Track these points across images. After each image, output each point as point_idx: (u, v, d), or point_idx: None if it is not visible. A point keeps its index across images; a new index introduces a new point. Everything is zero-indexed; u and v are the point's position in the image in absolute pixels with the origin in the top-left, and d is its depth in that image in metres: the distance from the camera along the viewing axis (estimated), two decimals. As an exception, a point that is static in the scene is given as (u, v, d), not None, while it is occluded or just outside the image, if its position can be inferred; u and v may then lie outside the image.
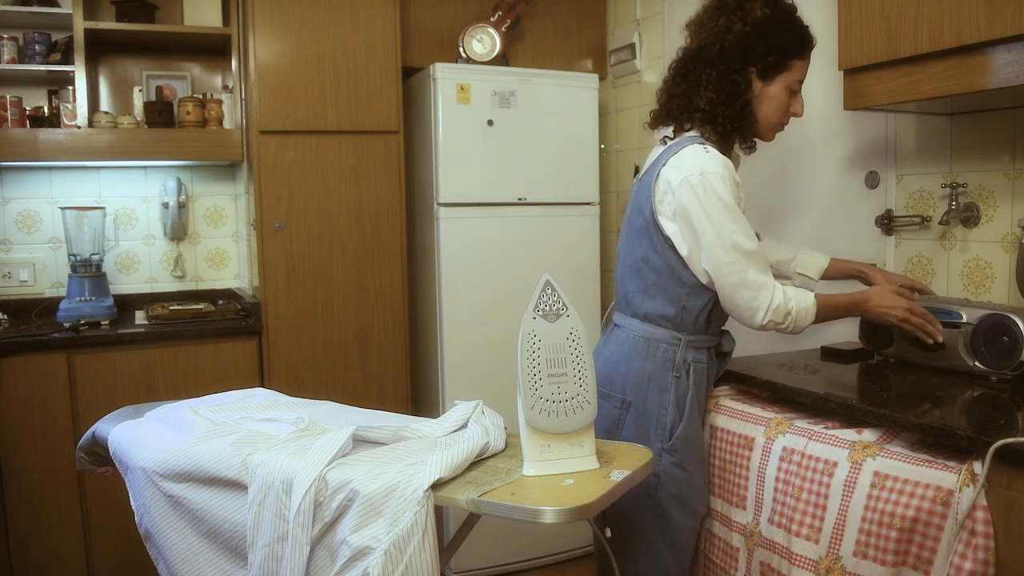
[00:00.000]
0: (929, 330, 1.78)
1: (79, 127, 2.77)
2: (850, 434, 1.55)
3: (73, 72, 2.75)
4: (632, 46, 3.22)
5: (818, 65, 1.80)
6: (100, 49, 3.01)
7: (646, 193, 1.74)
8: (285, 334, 2.84)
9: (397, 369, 3.00)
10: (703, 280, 1.71)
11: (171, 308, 2.89)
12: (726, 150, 1.76)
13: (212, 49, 3.13)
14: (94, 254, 2.90)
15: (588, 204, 3.14)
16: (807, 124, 2.03)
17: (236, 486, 1.49)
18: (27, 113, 2.85)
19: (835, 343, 2.17)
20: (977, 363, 1.73)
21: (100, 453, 1.80)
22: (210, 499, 1.52)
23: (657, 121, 1.84)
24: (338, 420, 1.65)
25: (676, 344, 1.74)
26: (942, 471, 1.37)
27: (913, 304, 1.78)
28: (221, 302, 3.09)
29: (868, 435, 1.54)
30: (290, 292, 2.85)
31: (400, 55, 2.95)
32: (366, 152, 2.92)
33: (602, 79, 3.31)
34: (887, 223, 2.31)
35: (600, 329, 2.93)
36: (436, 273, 2.94)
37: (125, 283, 3.17)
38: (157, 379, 2.68)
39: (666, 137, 1.80)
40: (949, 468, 1.37)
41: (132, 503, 1.67)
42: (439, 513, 2.74)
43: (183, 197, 3.18)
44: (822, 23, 1.85)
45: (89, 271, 2.85)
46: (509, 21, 3.14)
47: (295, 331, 2.86)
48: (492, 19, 3.13)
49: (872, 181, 2.32)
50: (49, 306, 2.92)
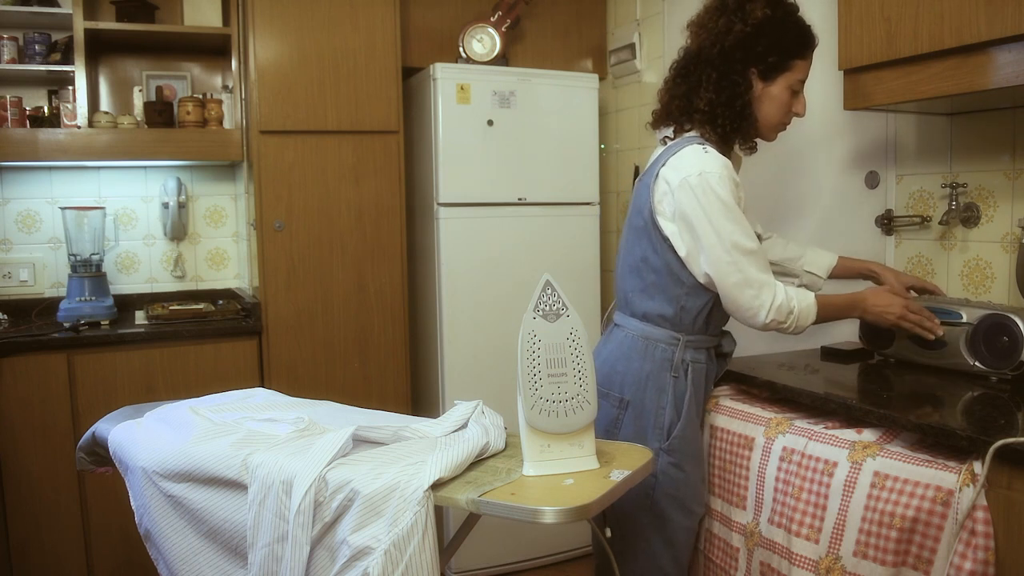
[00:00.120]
0: (928, 325, 1.78)
1: (79, 127, 2.77)
2: (850, 434, 1.55)
3: (73, 72, 2.75)
4: (632, 46, 3.22)
5: (818, 65, 1.80)
6: (100, 49, 3.01)
7: (645, 193, 1.74)
8: (285, 334, 2.85)
9: (397, 369, 3.00)
10: (702, 281, 1.71)
11: (171, 308, 2.89)
12: (726, 151, 1.76)
13: (212, 49, 3.13)
14: (94, 254, 2.90)
15: (588, 204, 3.14)
16: (807, 124, 2.03)
17: (236, 486, 1.49)
18: (27, 113, 2.85)
19: (835, 343, 2.18)
20: (977, 363, 1.73)
21: (100, 453, 1.80)
22: (210, 499, 1.52)
23: (658, 121, 1.84)
24: (338, 420, 1.65)
25: (675, 344, 1.74)
26: (942, 471, 1.37)
27: (909, 302, 1.78)
28: (221, 302, 3.09)
29: (868, 435, 1.54)
30: (290, 292, 2.85)
31: (400, 55, 2.95)
32: (366, 152, 2.92)
33: (602, 79, 3.31)
34: (887, 223, 2.31)
35: (600, 329, 2.94)
36: (436, 273, 2.94)
37: (125, 283, 3.17)
38: (157, 379, 2.68)
39: (666, 137, 1.80)
40: (949, 468, 1.37)
41: (132, 503, 1.67)
42: (439, 513, 2.73)
43: (183, 197, 3.18)
44: (822, 23, 1.85)
45: (89, 271, 2.85)
46: (509, 21, 3.14)
47: (295, 331, 2.86)
48: (492, 19, 3.13)
49: (872, 181, 2.32)
50: (49, 306, 2.92)
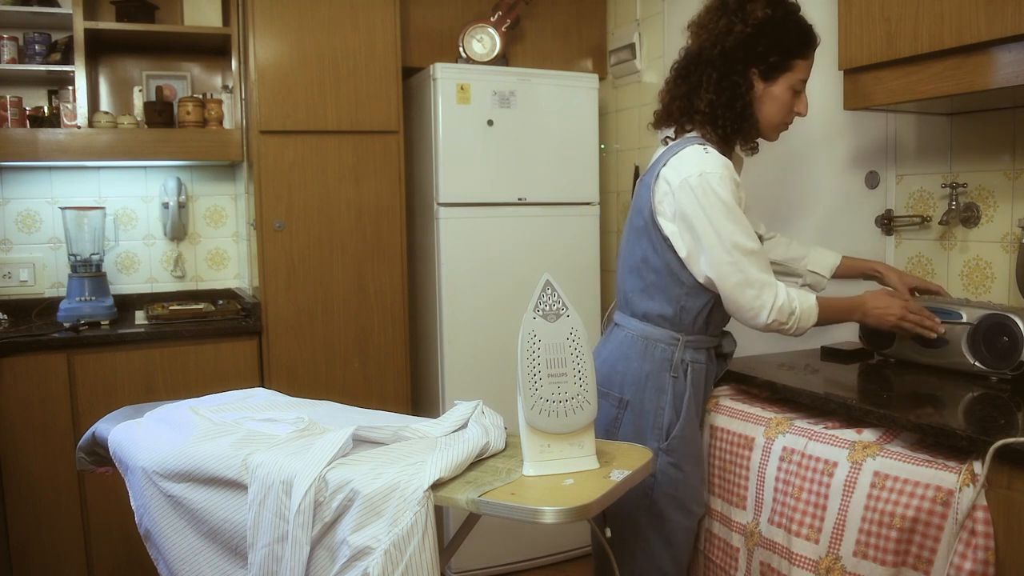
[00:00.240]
0: (928, 324, 1.78)
1: (79, 127, 2.77)
2: (850, 434, 1.55)
3: (73, 72, 2.75)
4: (632, 46, 3.22)
5: (818, 65, 1.80)
6: (100, 49, 3.01)
7: (646, 193, 1.74)
8: (285, 334, 2.84)
9: (397, 369, 3.00)
10: (703, 282, 1.71)
11: (171, 308, 2.89)
12: (727, 151, 1.75)
13: (212, 49, 3.13)
14: (94, 254, 2.90)
15: (588, 204, 3.14)
16: (807, 124, 2.03)
17: (236, 486, 1.49)
18: (27, 113, 2.85)
19: (835, 343, 2.17)
20: (977, 363, 1.73)
21: (100, 453, 1.80)
22: (210, 499, 1.52)
23: (660, 122, 1.83)
24: (338, 420, 1.65)
25: (674, 344, 1.74)
26: (942, 471, 1.37)
27: (908, 303, 1.78)
28: (221, 302, 3.09)
29: (868, 435, 1.54)
30: (290, 292, 2.85)
31: (400, 55, 2.95)
32: (366, 152, 2.92)
33: (602, 79, 3.31)
34: (887, 223, 2.31)
35: (600, 329, 2.94)
36: (436, 273, 2.94)
37: (125, 283, 3.17)
38: (157, 379, 2.68)
39: (667, 138, 1.80)
40: (949, 468, 1.37)
41: (132, 503, 1.67)
42: (439, 513, 2.74)
43: (183, 197, 3.18)
44: (822, 23, 1.84)
45: (89, 271, 2.85)
46: (509, 21, 3.14)
47: (295, 331, 2.86)
48: (492, 19, 3.13)
49: (872, 181, 2.32)
50: (49, 306, 2.92)
